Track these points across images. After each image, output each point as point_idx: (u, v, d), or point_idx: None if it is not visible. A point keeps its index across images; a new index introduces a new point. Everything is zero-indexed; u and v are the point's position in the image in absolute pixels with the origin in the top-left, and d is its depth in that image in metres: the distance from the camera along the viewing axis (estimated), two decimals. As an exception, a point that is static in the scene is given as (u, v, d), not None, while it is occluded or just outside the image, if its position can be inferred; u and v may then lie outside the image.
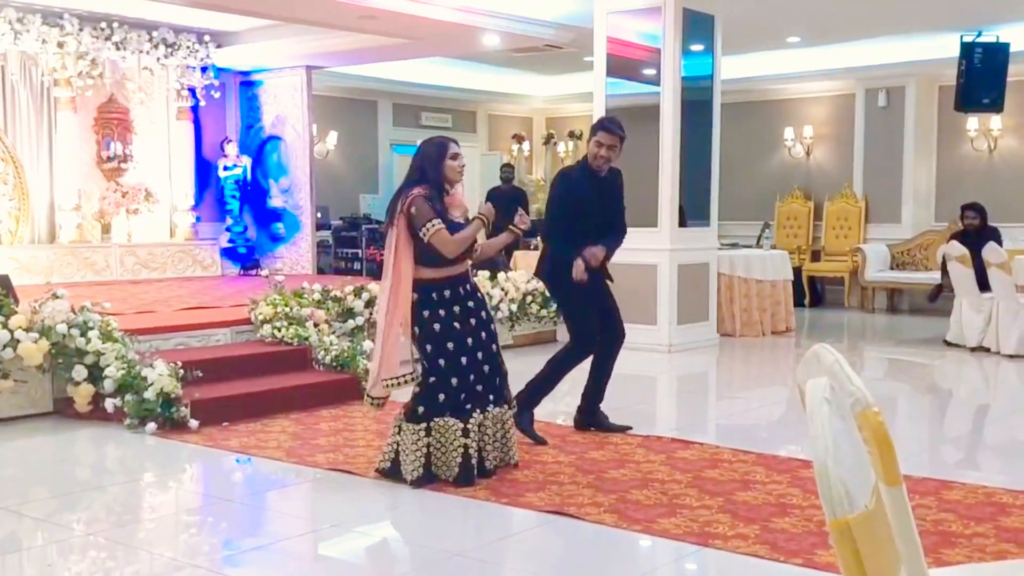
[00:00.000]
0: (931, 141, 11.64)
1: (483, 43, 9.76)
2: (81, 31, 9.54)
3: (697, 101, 8.58)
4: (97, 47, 9.68)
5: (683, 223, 8.51)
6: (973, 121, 11.04)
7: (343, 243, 12.53)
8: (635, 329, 7.89)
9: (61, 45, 9.47)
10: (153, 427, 5.32)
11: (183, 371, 5.56)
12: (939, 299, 9.40)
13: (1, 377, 5.45)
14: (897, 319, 11.06)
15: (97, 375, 5.56)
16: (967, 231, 8.93)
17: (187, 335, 6.46)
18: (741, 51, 10.42)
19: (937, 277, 9.45)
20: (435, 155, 4.42)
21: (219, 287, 9.44)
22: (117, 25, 9.77)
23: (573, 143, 14.37)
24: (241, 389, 5.87)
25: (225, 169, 11.23)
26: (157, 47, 10.12)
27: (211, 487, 4.72)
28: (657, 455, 4.77)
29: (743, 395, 7.09)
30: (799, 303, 10.76)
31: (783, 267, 9.82)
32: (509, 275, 8.66)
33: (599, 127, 5.07)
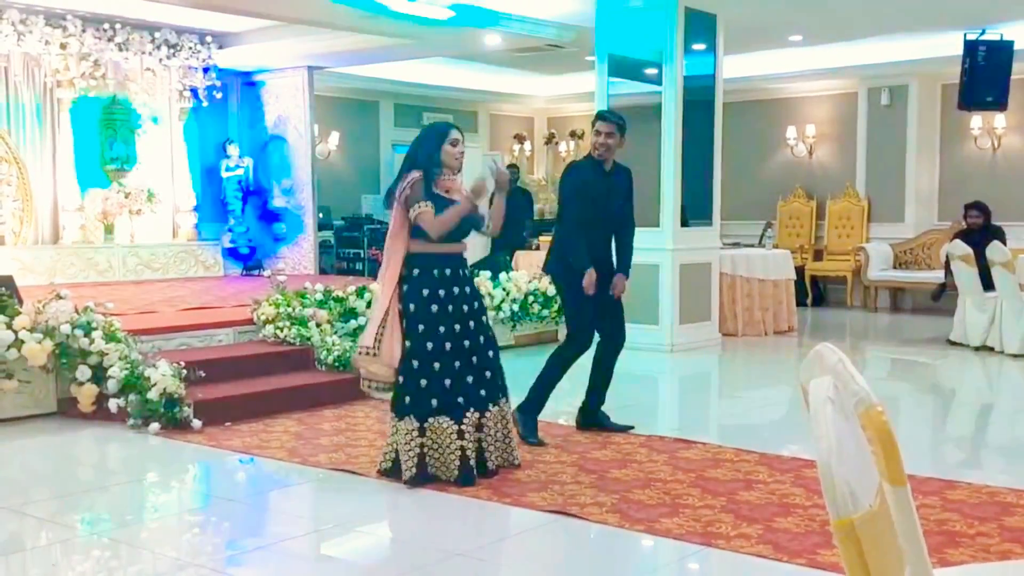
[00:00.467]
0: (934, 140, 11.62)
1: (484, 43, 9.75)
2: (84, 32, 9.54)
3: (699, 100, 8.57)
4: (100, 48, 9.69)
5: (685, 223, 8.51)
6: (976, 120, 11.02)
7: (345, 243, 12.54)
8: (637, 329, 7.88)
9: (64, 46, 9.48)
10: (156, 427, 5.32)
11: (186, 371, 5.56)
12: (942, 298, 9.39)
13: (5, 377, 5.46)
14: (900, 318, 11.04)
15: (100, 375, 5.56)
16: (971, 230, 8.91)
17: (190, 335, 6.46)
18: (743, 50, 10.41)
19: (940, 276, 9.44)
20: (434, 138, 4.43)
21: (221, 287, 9.44)
22: (120, 26, 9.78)
23: (574, 143, 14.37)
24: (244, 389, 5.87)
25: (227, 170, 11.24)
26: (159, 48, 10.13)
27: (214, 487, 4.72)
28: (660, 455, 4.77)
29: (745, 395, 7.08)
30: (801, 302, 10.74)
31: (785, 266, 9.81)
32: (511, 275, 8.66)
33: (596, 118, 5.28)
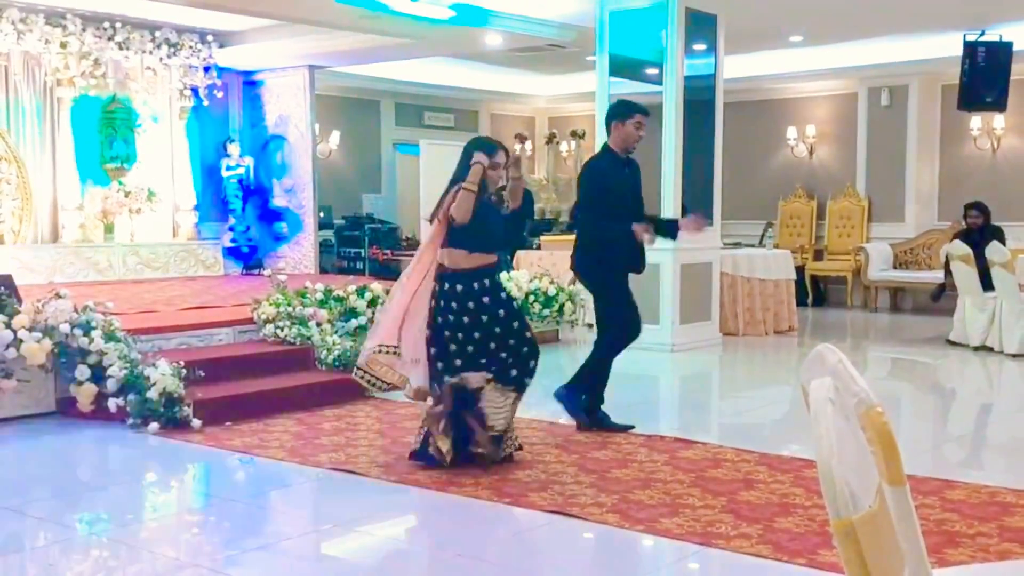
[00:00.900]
0: (934, 140, 11.62)
1: (486, 43, 9.75)
2: (84, 31, 9.54)
3: (699, 100, 8.57)
4: (100, 47, 9.68)
5: (686, 223, 8.50)
6: (976, 120, 11.02)
7: (346, 243, 12.55)
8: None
9: (64, 45, 9.47)
10: (156, 427, 5.32)
11: (186, 371, 5.56)
12: (942, 298, 9.39)
13: (4, 377, 5.45)
14: (900, 318, 11.04)
15: (100, 375, 5.56)
16: (970, 230, 8.92)
17: (190, 335, 6.45)
18: (743, 50, 10.41)
19: (940, 276, 9.44)
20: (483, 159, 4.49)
21: (221, 287, 9.44)
22: (120, 25, 9.77)
23: (575, 142, 14.36)
24: (243, 389, 5.87)
25: (228, 169, 11.24)
26: (160, 47, 10.12)
27: (213, 487, 4.72)
28: (660, 455, 4.76)
29: (746, 394, 7.08)
30: (802, 302, 10.74)
31: (786, 266, 9.82)
32: (511, 274, 8.66)
33: (637, 110, 5.19)
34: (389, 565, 3.61)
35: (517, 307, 4.67)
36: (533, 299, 8.52)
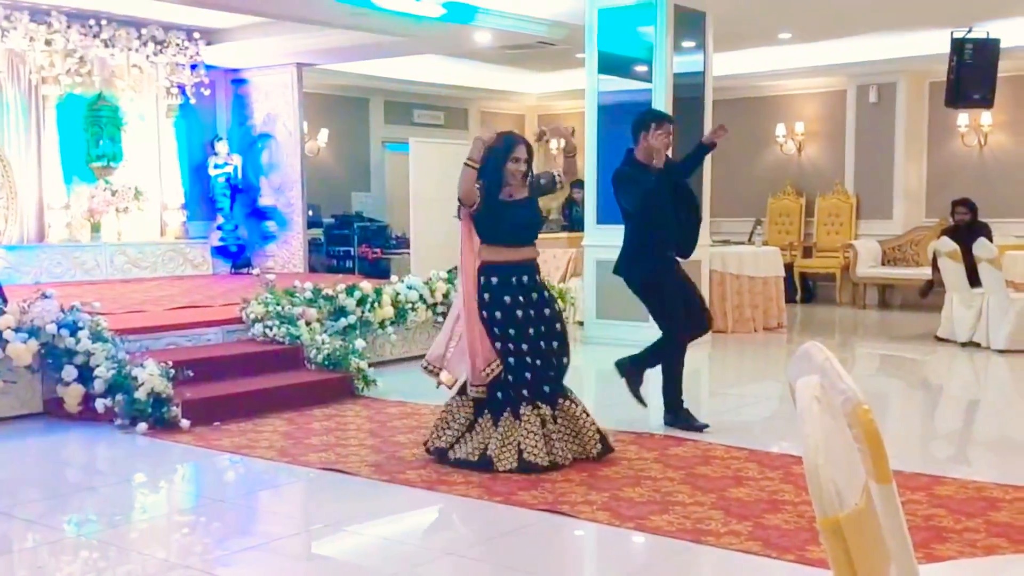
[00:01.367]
0: (922, 137, 11.66)
1: (475, 40, 9.74)
2: (69, 28, 9.48)
3: (688, 98, 8.58)
4: (85, 44, 9.63)
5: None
6: (964, 117, 11.07)
7: (335, 241, 12.51)
8: (627, 326, 7.92)
9: (49, 43, 9.41)
10: (144, 427, 5.30)
11: (174, 371, 5.53)
12: (930, 295, 9.43)
13: (-10, 377, 5.43)
14: (888, 315, 11.09)
15: (87, 375, 5.53)
16: (958, 227, 8.96)
17: (178, 334, 6.43)
18: (732, 47, 10.43)
19: (928, 273, 9.48)
20: (501, 154, 4.50)
21: (210, 286, 9.40)
22: (106, 22, 9.72)
23: (565, 141, 14.33)
24: (232, 388, 5.85)
25: (215, 167, 11.19)
26: (146, 44, 10.07)
27: (203, 487, 4.70)
28: (649, 452, 4.77)
29: (735, 391, 7.10)
30: (791, 299, 10.78)
31: (775, 263, 9.84)
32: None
33: (665, 119, 5.28)
34: (379, 564, 3.60)
35: (553, 315, 4.55)
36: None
